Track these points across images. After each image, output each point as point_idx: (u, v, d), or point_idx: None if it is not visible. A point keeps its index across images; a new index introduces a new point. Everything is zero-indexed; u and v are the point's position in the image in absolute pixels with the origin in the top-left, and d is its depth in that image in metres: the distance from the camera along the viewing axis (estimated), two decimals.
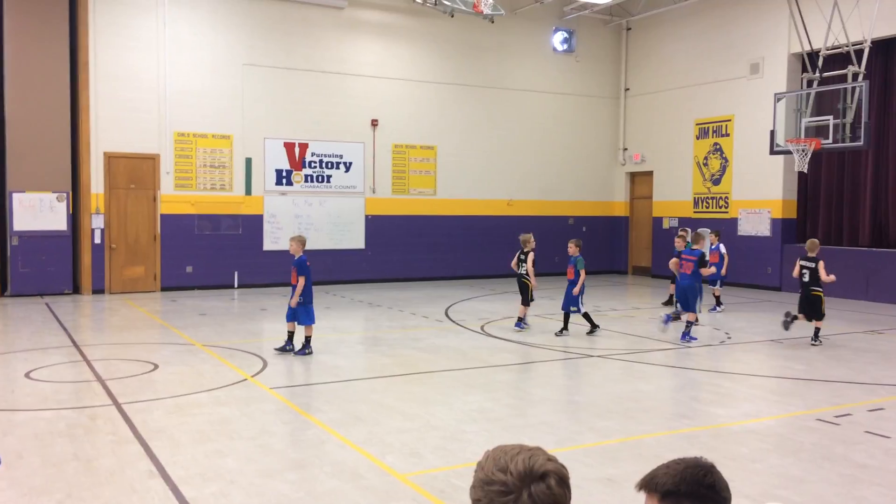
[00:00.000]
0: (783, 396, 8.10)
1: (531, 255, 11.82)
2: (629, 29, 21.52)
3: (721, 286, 14.53)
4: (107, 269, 15.94)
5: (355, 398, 7.72)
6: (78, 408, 7.22)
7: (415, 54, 19.00)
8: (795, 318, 10.98)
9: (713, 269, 11.55)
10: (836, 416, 7.03)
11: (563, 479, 1.71)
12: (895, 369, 9.34)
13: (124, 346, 10.44)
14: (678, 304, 11.53)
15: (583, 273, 11.23)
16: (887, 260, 15.61)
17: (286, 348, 9.76)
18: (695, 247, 11.20)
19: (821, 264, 10.81)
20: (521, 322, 11.94)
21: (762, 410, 7.44)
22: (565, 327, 11.40)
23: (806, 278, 10.90)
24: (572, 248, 11.48)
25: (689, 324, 10.93)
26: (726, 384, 8.58)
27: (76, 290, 15.90)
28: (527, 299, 11.89)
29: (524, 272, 11.85)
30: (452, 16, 17.83)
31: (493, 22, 18.58)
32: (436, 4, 17.23)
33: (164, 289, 16.41)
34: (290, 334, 9.77)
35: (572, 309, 11.32)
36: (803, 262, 10.97)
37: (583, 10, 20.20)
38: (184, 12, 16.39)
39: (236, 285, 17.09)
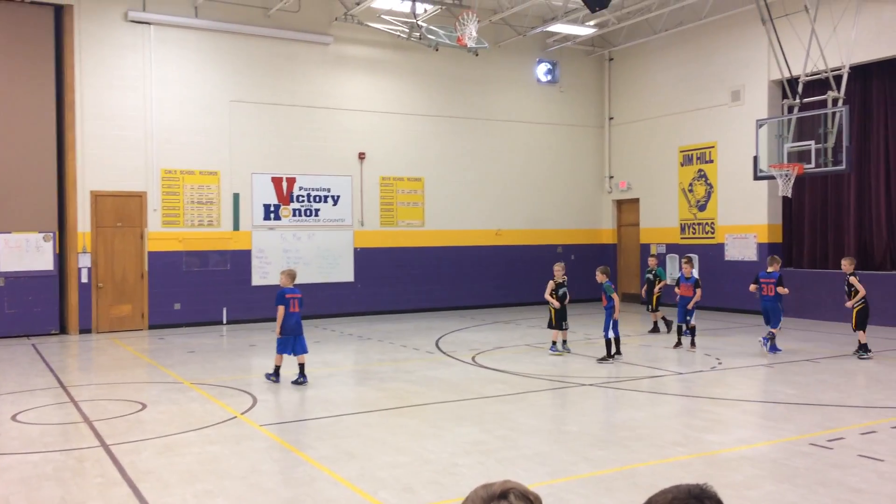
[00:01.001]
0: (776, 421, 8.08)
1: (549, 283, 12.56)
2: (611, 59, 21.81)
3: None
4: (94, 308, 15.82)
5: (347, 433, 7.65)
6: (65, 450, 7.11)
7: (401, 88, 19.17)
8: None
9: (786, 291, 12.67)
10: (829, 441, 7.02)
11: (524, 495, 1.74)
12: (885, 392, 9.36)
13: (112, 386, 10.33)
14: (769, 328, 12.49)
15: (614, 297, 11.72)
16: (873, 282, 15.68)
17: (299, 381, 10.06)
18: (770, 270, 12.47)
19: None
20: (553, 345, 12.52)
21: (755, 436, 7.42)
22: (617, 352, 11.77)
23: None
24: (599, 276, 12.06)
25: (774, 336, 12.25)
26: (719, 410, 8.56)
27: (63, 330, 15.75)
28: (549, 324, 12.52)
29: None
30: (437, 50, 18.03)
31: (477, 55, 18.80)
32: (420, 39, 17.43)
33: (151, 327, 16.28)
34: (301, 366, 10.15)
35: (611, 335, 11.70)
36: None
37: (565, 42, 20.47)
38: (170, 51, 16.50)
39: (225, 321, 16.99)
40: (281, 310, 10.02)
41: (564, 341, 12.63)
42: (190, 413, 8.52)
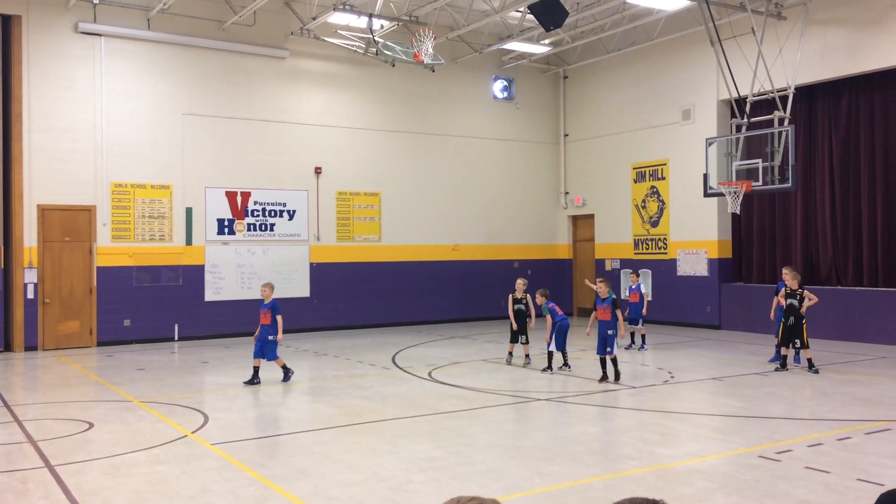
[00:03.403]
0: (725, 434, 8.23)
1: (510, 297, 12.99)
2: (566, 77, 22.13)
3: (643, 325, 14.79)
4: (40, 324, 15.40)
5: (300, 451, 7.56)
6: (8, 471, 6.89)
7: (357, 103, 19.15)
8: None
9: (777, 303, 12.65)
10: (777, 453, 7.17)
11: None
12: (831, 404, 9.60)
13: (58, 404, 10.05)
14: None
15: (547, 319, 12.27)
16: (819, 297, 16.11)
17: (255, 381, 11.12)
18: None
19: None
20: (511, 356, 13.08)
21: (706, 449, 7.54)
22: (564, 363, 12.21)
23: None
24: (539, 299, 12.52)
25: (777, 348, 12.60)
26: (670, 424, 8.68)
27: (7, 347, 15.28)
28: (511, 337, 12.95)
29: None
30: (394, 65, 18.08)
31: (433, 71, 18.89)
32: (377, 54, 17.47)
33: (100, 344, 15.90)
34: (256, 369, 11.18)
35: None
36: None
37: (521, 60, 20.71)
38: (121, 62, 16.24)
39: (177, 338, 16.68)
40: (280, 319, 11.32)
41: (527, 355, 12.88)
42: (139, 432, 8.33)
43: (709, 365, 12.85)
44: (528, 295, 12.95)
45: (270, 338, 11.25)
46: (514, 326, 12.77)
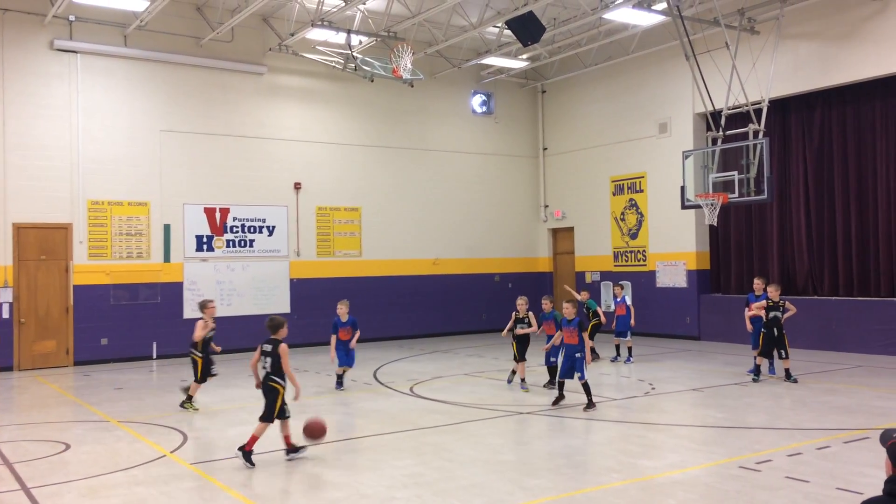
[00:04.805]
0: (706, 445, 8.26)
1: (513, 315, 12.28)
2: (544, 91, 22.30)
3: (630, 337, 14.78)
4: (15, 344, 15.17)
5: (280, 470, 7.49)
6: None
7: (337, 118, 19.16)
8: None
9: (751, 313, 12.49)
10: (758, 463, 7.21)
11: None
12: (810, 414, 9.68)
13: (34, 426, 9.89)
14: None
15: (533, 325, 11.95)
16: (796, 307, 16.26)
17: (340, 387, 12.15)
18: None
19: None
20: (522, 382, 11.96)
21: (687, 460, 7.56)
22: (549, 381, 11.83)
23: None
24: (545, 304, 12.29)
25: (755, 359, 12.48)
26: (652, 435, 8.70)
27: None
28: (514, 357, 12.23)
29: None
30: (372, 81, 18.12)
31: (412, 86, 18.95)
32: (356, 70, 17.50)
33: (77, 363, 15.69)
34: (340, 377, 12.26)
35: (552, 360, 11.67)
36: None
37: (499, 74, 20.84)
38: (98, 79, 16.14)
39: (155, 356, 16.50)
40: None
41: (513, 372, 12.38)
42: (116, 453, 8.21)
43: (689, 376, 12.92)
44: (530, 313, 12.29)
45: (352, 347, 12.34)
46: (514, 348, 12.08)
